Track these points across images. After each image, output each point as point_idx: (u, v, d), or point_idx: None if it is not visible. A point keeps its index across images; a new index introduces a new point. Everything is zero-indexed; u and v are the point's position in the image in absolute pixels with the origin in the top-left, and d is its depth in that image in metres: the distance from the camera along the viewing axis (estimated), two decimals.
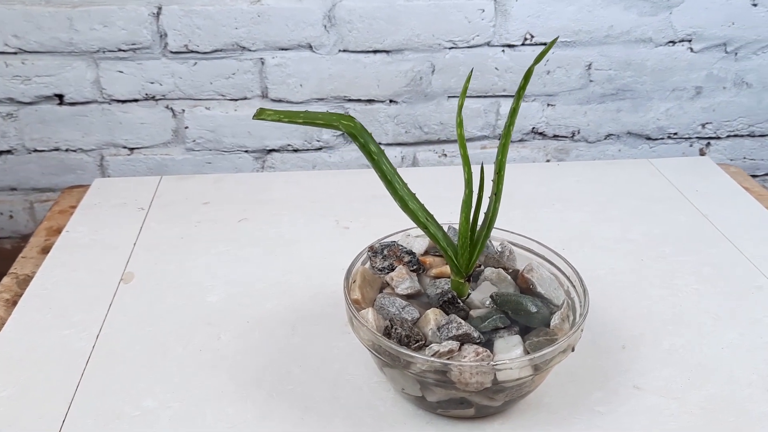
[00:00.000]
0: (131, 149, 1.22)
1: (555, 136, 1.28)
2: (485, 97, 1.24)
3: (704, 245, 0.82)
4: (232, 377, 0.63)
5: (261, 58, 1.18)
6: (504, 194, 0.97)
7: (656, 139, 1.29)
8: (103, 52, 1.14)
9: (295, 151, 1.26)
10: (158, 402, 0.59)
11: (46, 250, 0.79)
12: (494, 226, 0.59)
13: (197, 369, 0.63)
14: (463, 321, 0.56)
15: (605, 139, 1.29)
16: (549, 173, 1.04)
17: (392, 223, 0.86)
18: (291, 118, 0.52)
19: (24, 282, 0.73)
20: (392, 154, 1.27)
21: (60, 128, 1.19)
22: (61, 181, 1.24)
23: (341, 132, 1.25)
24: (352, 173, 1.02)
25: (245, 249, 0.80)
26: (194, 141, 1.23)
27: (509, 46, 1.20)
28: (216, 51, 1.17)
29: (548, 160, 1.30)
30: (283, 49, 1.18)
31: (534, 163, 1.29)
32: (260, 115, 0.51)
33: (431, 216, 0.58)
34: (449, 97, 1.23)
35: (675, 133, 1.29)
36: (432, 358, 0.53)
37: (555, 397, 0.62)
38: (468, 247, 0.58)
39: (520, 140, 1.28)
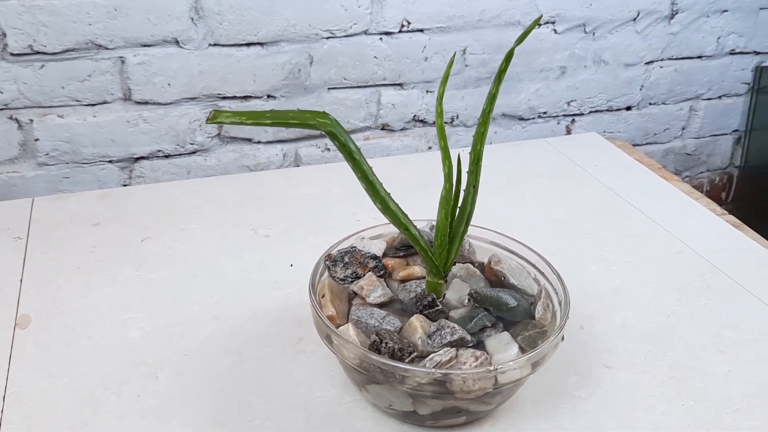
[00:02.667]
0: None
1: (435, 123, 1.28)
2: (365, 87, 1.20)
3: (620, 217, 0.85)
4: (187, 422, 0.54)
5: (121, 57, 1.06)
6: (414, 185, 0.95)
7: (528, 119, 1.33)
8: None
9: (167, 156, 1.15)
10: None
11: None
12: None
13: (141, 419, 0.54)
14: (456, 326, 0.52)
15: None
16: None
17: (313, 226, 0.80)
18: (255, 119, 0.45)
19: None
20: (273, 152, 1.20)
21: None
22: None
23: (217, 133, 1.16)
24: (249, 176, 0.94)
25: (158, 272, 0.70)
26: (47, 154, 1.08)
27: (387, 33, 1.17)
28: (67, 51, 1.03)
29: (430, 147, 1.29)
30: (146, 46, 1.06)
31: (422, 152, 1.27)
32: (216, 117, 0.44)
33: (406, 216, 0.53)
34: (330, 88, 1.18)
35: (545, 112, 1.33)
36: (434, 370, 0.49)
37: (535, 389, 0.60)
38: (446, 245, 0.54)
39: (401, 129, 1.26)
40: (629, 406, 0.59)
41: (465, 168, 0.54)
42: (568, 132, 1.37)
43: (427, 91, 1.24)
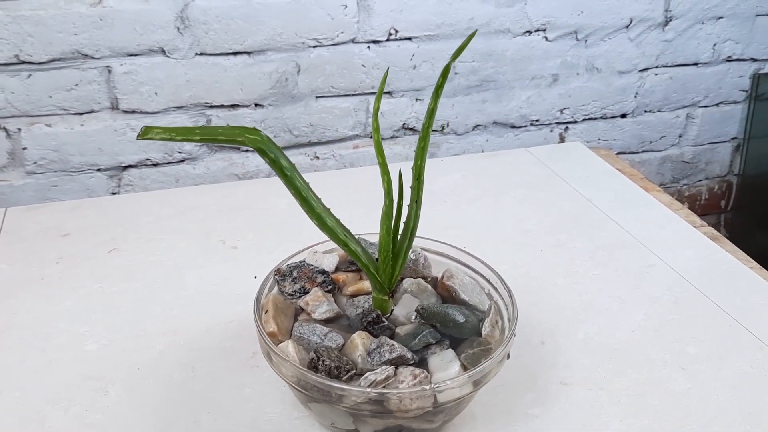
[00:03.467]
0: None
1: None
2: (354, 95, 1.20)
3: (594, 229, 0.84)
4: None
5: (107, 66, 1.07)
6: (380, 196, 0.94)
7: (520, 127, 1.32)
8: None
9: (155, 165, 1.16)
10: None
11: None
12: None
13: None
14: (396, 343, 0.51)
15: (473, 130, 1.30)
16: (433, 170, 1.02)
17: (283, 237, 0.80)
18: (185, 135, 0.45)
19: None
20: (261, 160, 1.20)
21: None
22: None
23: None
24: (229, 186, 0.94)
25: (120, 284, 0.70)
26: (35, 163, 1.09)
27: (374, 42, 1.17)
28: (53, 60, 1.04)
29: None
30: (132, 55, 1.07)
31: (409, 160, 1.27)
32: (146, 134, 0.44)
33: (348, 231, 0.53)
34: (317, 97, 1.18)
35: (537, 120, 1.32)
36: (368, 389, 0.49)
37: (488, 406, 0.59)
38: (390, 261, 0.53)
39: (391, 137, 1.26)
40: (583, 424, 0.58)
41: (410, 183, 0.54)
42: (562, 140, 1.36)
43: (416, 99, 1.24)
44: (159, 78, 1.10)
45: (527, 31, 1.24)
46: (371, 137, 1.24)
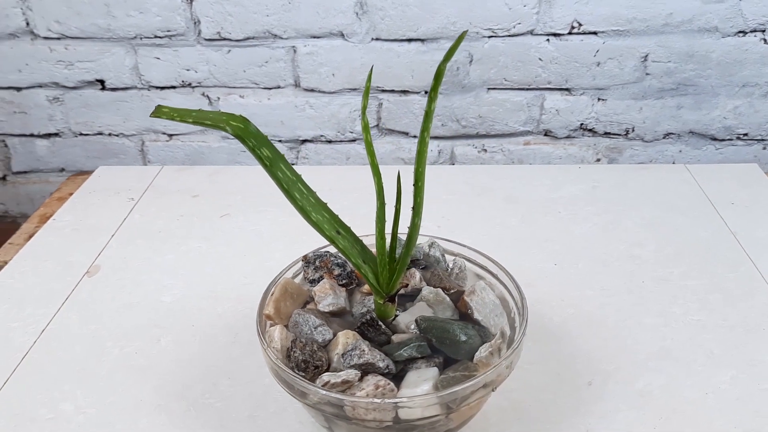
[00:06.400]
0: (170, 135, 1.24)
1: (606, 134, 1.18)
2: (527, 89, 1.15)
3: (721, 268, 0.72)
4: (157, 387, 0.60)
5: (293, 46, 1.15)
6: (507, 197, 0.90)
7: (723, 140, 1.16)
8: (140, 38, 1.16)
9: (329, 142, 1.23)
10: (75, 407, 0.58)
11: (31, 238, 0.80)
12: (455, 239, 0.53)
13: (126, 374, 0.62)
14: (367, 348, 0.51)
15: (664, 138, 1.17)
16: (565, 177, 0.95)
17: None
18: (182, 116, 0.48)
19: None
20: (429, 147, 1.21)
21: (102, 113, 1.23)
22: (105, 164, 1.27)
23: (375, 124, 1.21)
24: (359, 169, 0.97)
25: (216, 247, 0.77)
26: None
27: (554, 34, 1.11)
28: (248, 39, 1.15)
29: (598, 159, 1.19)
30: (314, 37, 1.15)
31: (586, 163, 1.19)
32: (157, 113, 0.48)
33: (346, 228, 0.53)
34: (489, 89, 1.16)
35: (745, 134, 1.15)
36: (321, 390, 0.49)
37: None
38: (386, 265, 0.52)
39: (567, 137, 1.18)
40: None
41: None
42: None
43: (598, 99, 1.15)
44: (337, 60, 1.16)
45: (741, 32, 1.08)
46: (544, 134, 1.19)
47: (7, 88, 1.21)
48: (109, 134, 1.24)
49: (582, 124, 1.17)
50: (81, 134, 1.25)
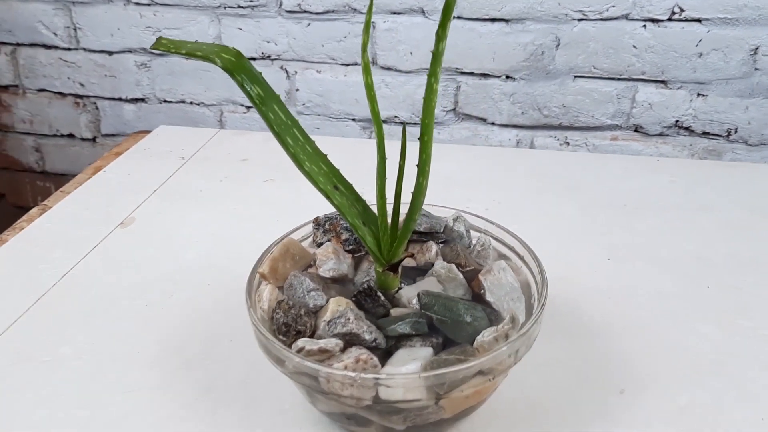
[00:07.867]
0: (247, 107, 1.24)
1: (705, 134, 1.07)
2: (619, 79, 1.06)
3: None
4: (157, 340, 0.58)
5: (373, 22, 1.12)
6: (569, 185, 0.82)
7: None
8: (224, 7, 1.16)
9: (401, 123, 1.18)
10: (72, 351, 0.57)
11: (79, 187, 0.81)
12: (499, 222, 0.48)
13: (129, 325, 0.60)
14: (353, 317, 0.46)
15: None
16: (641, 168, 0.85)
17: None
18: (178, 48, 0.45)
19: (41, 214, 0.75)
20: (507, 136, 1.15)
21: (186, 81, 1.24)
22: None
23: (452, 108, 1.16)
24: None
25: (251, 210, 0.75)
26: (304, 104, 1.21)
27: (652, 20, 1.01)
28: (328, 12, 1.13)
29: (693, 155, 1.08)
30: (395, 13, 1.11)
31: (680, 158, 1.08)
32: (157, 44, 0.46)
33: (347, 185, 0.48)
34: (576, 76, 1.08)
35: None
36: (295, 356, 0.44)
37: None
38: (387, 230, 0.47)
39: (659, 134, 1.08)
40: None
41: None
42: None
43: (698, 94, 1.04)
44: (416, 38, 1.11)
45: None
46: (634, 130, 1.09)
47: (99, 51, 1.25)
48: (191, 102, 1.26)
49: (677, 121, 1.06)
50: (165, 101, 1.27)
